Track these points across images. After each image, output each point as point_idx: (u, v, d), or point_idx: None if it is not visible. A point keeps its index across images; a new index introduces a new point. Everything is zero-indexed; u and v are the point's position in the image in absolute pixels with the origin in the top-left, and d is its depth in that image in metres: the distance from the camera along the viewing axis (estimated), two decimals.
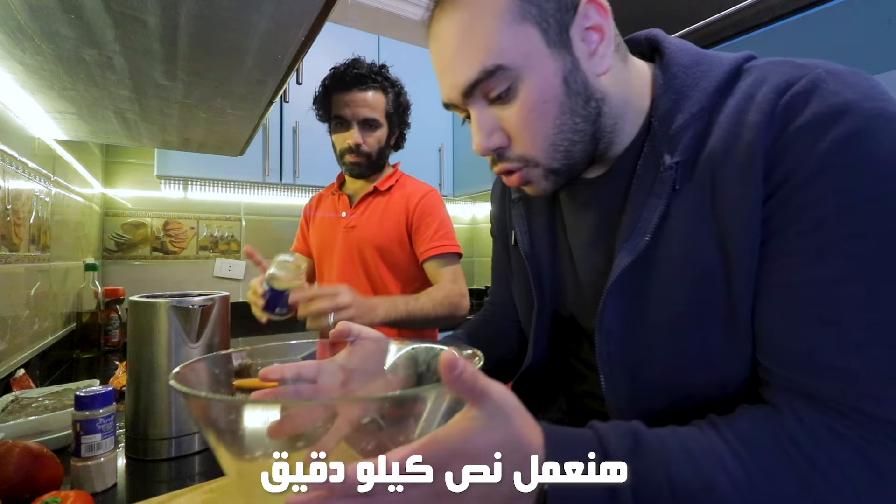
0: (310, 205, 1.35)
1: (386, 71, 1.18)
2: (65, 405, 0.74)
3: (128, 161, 1.80)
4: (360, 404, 0.34)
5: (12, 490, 0.47)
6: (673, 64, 0.44)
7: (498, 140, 0.45)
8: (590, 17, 0.42)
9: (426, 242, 1.13)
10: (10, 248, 0.87)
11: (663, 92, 0.43)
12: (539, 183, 0.46)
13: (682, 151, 0.41)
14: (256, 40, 0.56)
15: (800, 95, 0.36)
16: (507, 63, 0.41)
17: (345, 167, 1.19)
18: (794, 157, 0.35)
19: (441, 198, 1.21)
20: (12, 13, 0.49)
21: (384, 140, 1.18)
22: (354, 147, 1.13)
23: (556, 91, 0.41)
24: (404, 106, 1.21)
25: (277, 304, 0.80)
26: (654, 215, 0.41)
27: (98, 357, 1.33)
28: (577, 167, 0.46)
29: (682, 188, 0.41)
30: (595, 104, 0.43)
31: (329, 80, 1.16)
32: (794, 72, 0.37)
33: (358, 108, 1.12)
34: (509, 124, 0.44)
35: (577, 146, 0.44)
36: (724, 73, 0.41)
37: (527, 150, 0.44)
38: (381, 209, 1.18)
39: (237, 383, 0.45)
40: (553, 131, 0.43)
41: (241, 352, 0.45)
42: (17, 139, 0.90)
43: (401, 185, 1.21)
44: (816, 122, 0.35)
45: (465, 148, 2.24)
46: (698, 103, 0.41)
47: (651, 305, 0.43)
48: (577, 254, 0.52)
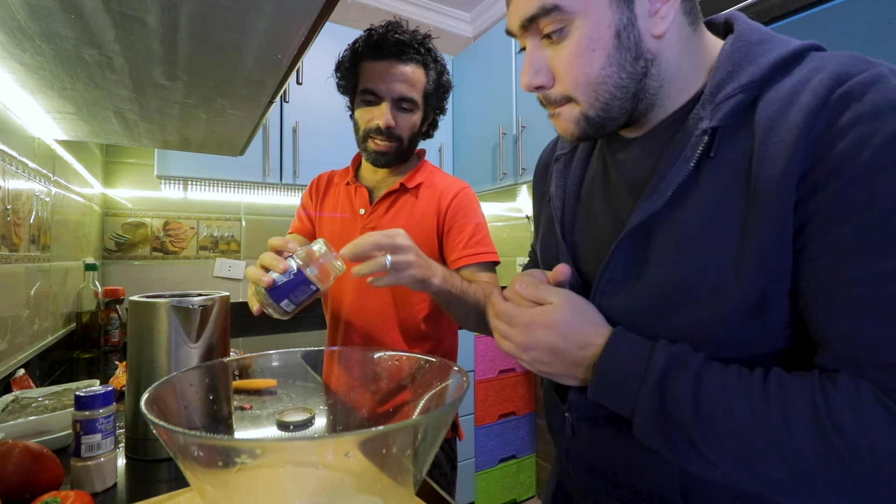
0: (315, 190, 1.10)
1: (430, 42, 0.97)
2: (65, 405, 0.74)
3: (128, 161, 1.80)
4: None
5: (12, 490, 0.47)
6: (739, 39, 0.44)
7: (542, 78, 0.46)
8: None
9: (460, 249, 0.94)
10: (10, 248, 0.87)
11: (722, 63, 0.43)
12: (569, 123, 0.47)
13: (721, 118, 0.41)
14: (256, 40, 0.56)
15: (859, 85, 0.35)
16: (564, 5, 0.42)
17: (367, 153, 0.97)
18: (848, 148, 0.35)
19: (475, 196, 1.02)
20: (12, 13, 0.49)
21: (418, 125, 0.98)
22: (385, 129, 0.93)
23: (606, 42, 0.42)
24: (445, 87, 1.01)
25: (289, 294, 0.60)
26: (678, 178, 0.42)
27: (98, 357, 1.33)
28: (612, 122, 0.46)
29: (717, 155, 0.41)
30: (643, 63, 0.43)
31: (362, 45, 0.94)
32: (858, 64, 0.37)
33: (395, 82, 0.92)
34: (557, 63, 0.45)
35: (617, 100, 0.44)
36: (786, 52, 0.40)
37: (569, 90, 0.45)
38: (408, 212, 0.98)
39: (236, 384, 0.45)
40: (596, 80, 0.44)
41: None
42: (17, 139, 0.90)
43: (429, 183, 1.01)
44: (874, 113, 0.34)
45: (465, 148, 2.24)
46: (750, 76, 0.41)
47: (656, 266, 0.43)
48: (601, 209, 0.53)
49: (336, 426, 0.59)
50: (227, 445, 0.33)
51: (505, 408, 1.94)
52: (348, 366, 0.62)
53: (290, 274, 0.59)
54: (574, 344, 0.44)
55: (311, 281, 0.60)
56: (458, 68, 2.27)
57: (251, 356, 0.56)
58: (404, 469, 0.35)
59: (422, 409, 0.49)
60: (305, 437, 0.47)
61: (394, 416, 0.53)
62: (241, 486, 0.32)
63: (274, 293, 0.60)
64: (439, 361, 0.49)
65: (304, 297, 0.61)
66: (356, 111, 0.98)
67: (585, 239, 0.54)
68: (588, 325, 0.45)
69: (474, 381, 1.87)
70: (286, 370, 0.58)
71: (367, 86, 0.93)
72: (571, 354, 0.45)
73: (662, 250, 0.43)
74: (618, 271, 0.46)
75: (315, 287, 0.60)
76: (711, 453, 0.38)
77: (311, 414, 0.58)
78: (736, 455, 0.38)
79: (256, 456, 0.31)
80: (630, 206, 0.48)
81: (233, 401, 0.58)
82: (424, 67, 0.96)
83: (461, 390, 0.41)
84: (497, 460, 1.91)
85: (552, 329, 0.45)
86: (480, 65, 2.15)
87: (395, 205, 0.99)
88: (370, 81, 0.93)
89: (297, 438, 0.41)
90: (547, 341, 0.45)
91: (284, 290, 0.60)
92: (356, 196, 1.03)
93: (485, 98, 2.11)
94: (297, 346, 0.72)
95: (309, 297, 0.62)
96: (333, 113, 1.06)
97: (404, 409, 0.52)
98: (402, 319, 0.97)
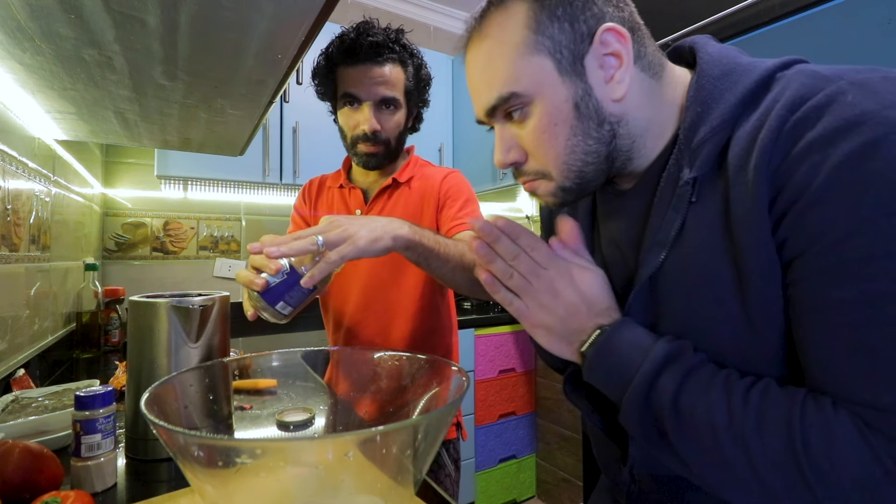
0: (307, 194, 1.09)
1: (403, 37, 0.96)
2: (65, 405, 0.74)
3: (128, 161, 1.80)
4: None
5: (12, 490, 0.47)
6: (703, 75, 0.44)
7: (515, 155, 0.48)
8: (608, 44, 0.43)
9: (449, 221, 0.93)
10: (10, 248, 0.87)
11: (691, 104, 0.44)
12: (546, 196, 0.49)
13: (699, 167, 0.41)
14: (256, 40, 0.56)
15: (813, 110, 0.35)
16: (519, 90, 0.44)
17: (357, 158, 0.97)
18: (803, 176, 0.35)
19: (466, 179, 1.02)
20: (12, 13, 0.49)
21: (403, 123, 0.97)
22: (371, 135, 0.92)
23: (566, 115, 0.44)
24: (425, 81, 1.00)
25: (284, 296, 0.56)
26: (672, 229, 0.43)
27: (98, 357, 1.33)
28: (590, 185, 0.47)
29: (699, 200, 0.42)
30: (609, 127, 0.44)
31: (335, 51, 0.92)
32: (814, 85, 0.36)
33: (374, 86, 0.90)
34: (525, 142, 0.47)
35: (590, 166, 0.46)
36: (751, 83, 0.40)
37: (541, 166, 0.47)
38: (404, 204, 0.98)
39: (236, 384, 0.45)
40: (565, 151, 0.45)
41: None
42: (17, 139, 0.90)
43: (421, 175, 1.01)
44: (827, 137, 0.34)
45: (465, 148, 2.24)
46: (720, 116, 0.41)
47: (666, 317, 0.44)
48: (609, 261, 0.53)
49: (336, 426, 0.59)
50: (227, 445, 0.33)
51: (505, 408, 1.94)
52: (348, 366, 0.62)
53: (284, 274, 0.55)
54: (593, 312, 0.46)
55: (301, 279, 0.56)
56: (458, 68, 2.27)
57: (251, 356, 0.57)
58: (404, 469, 0.35)
59: (422, 409, 0.49)
60: (305, 437, 0.47)
61: (394, 417, 0.53)
62: (241, 486, 0.33)
63: (268, 296, 0.56)
64: (439, 361, 0.49)
65: (300, 299, 0.57)
66: (340, 115, 0.97)
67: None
68: (610, 299, 0.47)
69: (474, 381, 1.87)
70: (286, 370, 0.58)
71: (347, 90, 0.92)
72: (581, 322, 0.46)
73: (671, 299, 0.44)
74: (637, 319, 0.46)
75: (311, 287, 0.56)
76: (682, 449, 0.39)
77: (311, 414, 0.58)
78: (706, 454, 0.38)
79: (256, 456, 0.31)
80: (633, 255, 0.49)
81: (233, 401, 0.58)
82: (402, 65, 0.94)
83: (461, 390, 0.41)
84: (497, 460, 1.91)
85: (583, 288, 0.46)
86: None
87: (391, 200, 0.99)
88: (349, 86, 0.92)
89: (297, 438, 0.41)
90: (570, 299, 0.46)
91: (279, 291, 0.56)
92: (350, 198, 1.03)
93: None
94: (297, 346, 0.72)
95: (306, 298, 0.58)
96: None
97: (404, 409, 0.52)
98: (404, 320, 0.97)
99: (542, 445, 1.98)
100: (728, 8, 0.97)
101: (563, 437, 1.86)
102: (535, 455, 2.02)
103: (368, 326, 0.98)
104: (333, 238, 0.58)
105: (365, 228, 0.60)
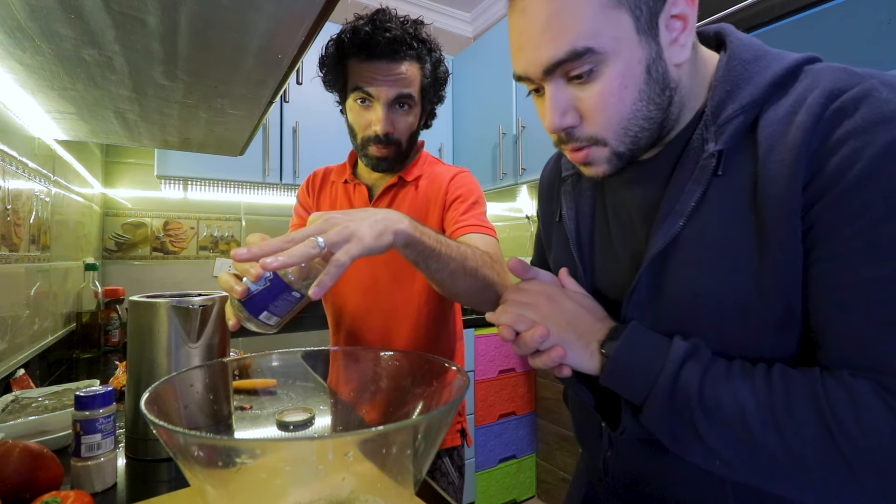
0: (311, 185, 1.04)
1: (422, 30, 0.87)
2: (65, 405, 0.74)
3: (128, 161, 1.80)
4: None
5: (12, 490, 0.47)
6: (734, 57, 0.44)
7: (571, 119, 0.45)
8: (677, 4, 0.42)
9: (454, 222, 0.87)
10: (10, 248, 0.87)
11: (720, 83, 0.44)
12: (601, 164, 0.47)
13: (725, 140, 0.42)
14: (256, 40, 0.56)
15: (850, 101, 0.37)
16: (597, 47, 0.41)
17: (367, 160, 0.90)
18: (842, 161, 0.36)
19: (475, 179, 0.96)
20: (12, 13, 0.49)
21: (416, 122, 0.91)
22: (383, 137, 0.85)
23: (637, 78, 0.42)
24: (443, 77, 0.93)
25: (269, 305, 0.49)
26: (691, 200, 0.43)
27: (98, 357, 1.33)
28: (640, 152, 0.47)
29: (724, 174, 0.42)
30: (669, 93, 0.44)
31: (348, 42, 0.83)
32: (848, 79, 0.38)
33: (389, 85, 0.83)
34: (585, 104, 0.44)
35: (646, 132, 0.45)
36: (781, 70, 0.41)
37: (598, 131, 0.45)
38: (409, 202, 0.93)
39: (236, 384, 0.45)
40: (628, 116, 0.43)
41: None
42: (17, 139, 0.90)
43: (429, 174, 0.96)
44: (865, 127, 0.36)
45: (465, 148, 2.24)
46: (750, 96, 0.42)
47: (679, 287, 0.45)
48: (616, 231, 0.54)
49: (336, 426, 0.59)
50: (227, 445, 0.33)
51: (505, 408, 1.94)
52: (348, 365, 0.62)
53: (266, 280, 0.48)
54: (593, 316, 0.49)
55: (292, 287, 0.49)
56: (457, 68, 2.27)
57: (251, 356, 0.56)
58: (404, 469, 0.35)
59: (422, 409, 0.49)
60: (305, 437, 0.47)
61: (394, 416, 0.53)
62: (241, 486, 0.33)
63: (250, 305, 0.49)
64: (439, 361, 0.49)
65: (287, 308, 0.51)
66: (350, 112, 0.90)
67: (603, 260, 0.55)
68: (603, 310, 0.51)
69: (474, 381, 1.87)
70: (286, 370, 0.58)
71: (359, 84, 0.84)
72: (587, 324, 0.48)
73: (682, 270, 0.44)
74: (643, 293, 0.47)
75: (298, 294, 0.50)
76: (712, 440, 0.40)
77: (311, 414, 0.58)
78: (736, 441, 0.39)
79: (256, 456, 0.31)
80: (645, 228, 0.49)
81: (233, 401, 0.58)
82: (420, 62, 0.87)
83: (461, 390, 0.41)
84: (497, 460, 1.91)
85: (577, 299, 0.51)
86: (480, 65, 2.15)
87: (396, 198, 0.95)
88: (362, 82, 0.84)
89: (297, 438, 0.41)
90: (569, 309, 0.49)
91: (262, 300, 0.49)
92: (355, 194, 0.98)
93: (485, 98, 2.11)
94: (297, 346, 0.72)
95: (294, 307, 0.51)
96: (333, 113, 1.04)
97: (404, 409, 0.52)
98: (406, 321, 0.95)
99: (542, 445, 1.98)
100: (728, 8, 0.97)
101: (563, 437, 1.86)
102: (535, 455, 2.02)
103: (370, 331, 0.97)
104: (335, 237, 0.50)
105: (366, 223, 0.54)
